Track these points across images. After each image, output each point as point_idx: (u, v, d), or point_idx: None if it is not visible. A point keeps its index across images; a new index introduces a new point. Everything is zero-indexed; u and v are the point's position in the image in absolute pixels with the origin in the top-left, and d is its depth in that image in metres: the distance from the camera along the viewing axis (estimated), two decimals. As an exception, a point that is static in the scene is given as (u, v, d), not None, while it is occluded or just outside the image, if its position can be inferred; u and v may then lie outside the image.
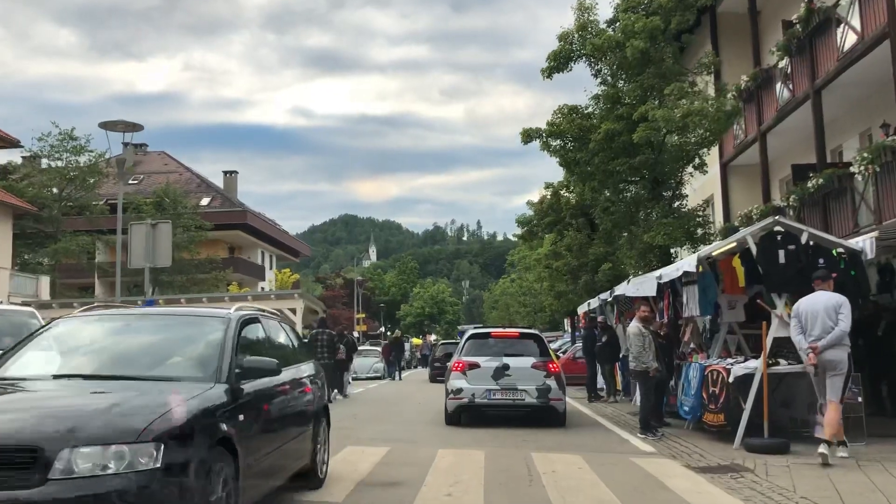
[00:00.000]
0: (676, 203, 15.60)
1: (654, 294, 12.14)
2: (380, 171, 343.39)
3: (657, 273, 11.93)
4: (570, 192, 23.02)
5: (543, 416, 12.57)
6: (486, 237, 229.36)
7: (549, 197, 23.81)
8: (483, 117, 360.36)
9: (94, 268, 51.81)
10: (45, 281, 36.91)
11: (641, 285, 12.77)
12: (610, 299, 16.99)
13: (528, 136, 15.75)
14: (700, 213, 15.86)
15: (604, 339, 17.91)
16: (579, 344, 28.30)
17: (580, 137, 15.69)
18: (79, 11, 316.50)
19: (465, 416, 12.84)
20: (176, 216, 45.12)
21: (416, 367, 47.20)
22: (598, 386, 20.89)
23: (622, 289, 15.05)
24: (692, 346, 14.02)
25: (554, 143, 16.04)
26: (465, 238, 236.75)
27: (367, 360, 31.81)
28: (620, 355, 17.76)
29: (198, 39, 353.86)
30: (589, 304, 20.26)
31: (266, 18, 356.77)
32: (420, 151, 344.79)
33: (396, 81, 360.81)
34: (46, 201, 43.76)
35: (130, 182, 57.34)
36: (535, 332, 14.35)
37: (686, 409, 11.12)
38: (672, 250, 15.74)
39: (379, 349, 33.55)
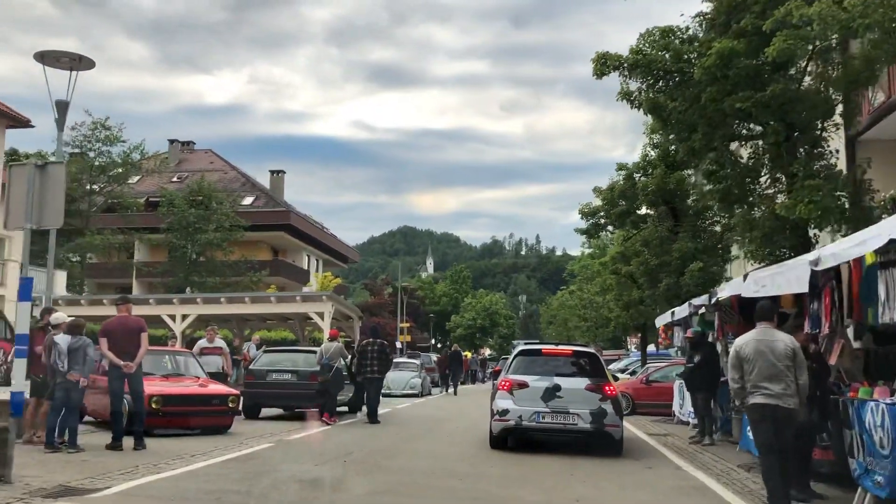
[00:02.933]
0: (817, 165, 10.86)
1: (805, 290, 7.61)
2: (438, 185, 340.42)
3: (811, 256, 7.44)
4: (649, 175, 18.50)
5: (598, 444, 11.09)
6: (544, 251, 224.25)
7: (621, 182, 19.28)
8: (542, 132, 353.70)
9: (131, 267, 49.28)
10: (60, 276, 34.02)
11: (777, 278, 8.27)
12: (710, 304, 12.52)
13: (602, 65, 11.27)
14: (863, 176, 11.04)
15: (695, 360, 13.43)
16: (654, 365, 23.68)
17: (676, 71, 11.16)
18: (150, 26, 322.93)
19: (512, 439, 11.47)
20: (209, 213, 42.25)
21: (462, 382, 43.13)
22: (678, 417, 16.46)
23: (734, 288, 10.59)
24: (840, 371, 9.61)
25: (638, 86, 11.51)
26: (523, 252, 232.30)
27: (403, 375, 27.63)
28: (721, 380, 13.28)
29: (263, 53, 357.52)
30: (673, 313, 15.76)
31: (330, 33, 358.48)
32: (478, 165, 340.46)
33: (456, 96, 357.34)
34: (76, 194, 41.24)
35: (173, 180, 55.03)
36: (591, 350, 12.76)
37: (879, 478, 6.54)
38: (811, 233, 11.06)
39: (417, 362, 29.52)
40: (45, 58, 11.68)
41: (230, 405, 12.49)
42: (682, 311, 15.39)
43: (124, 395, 10.14)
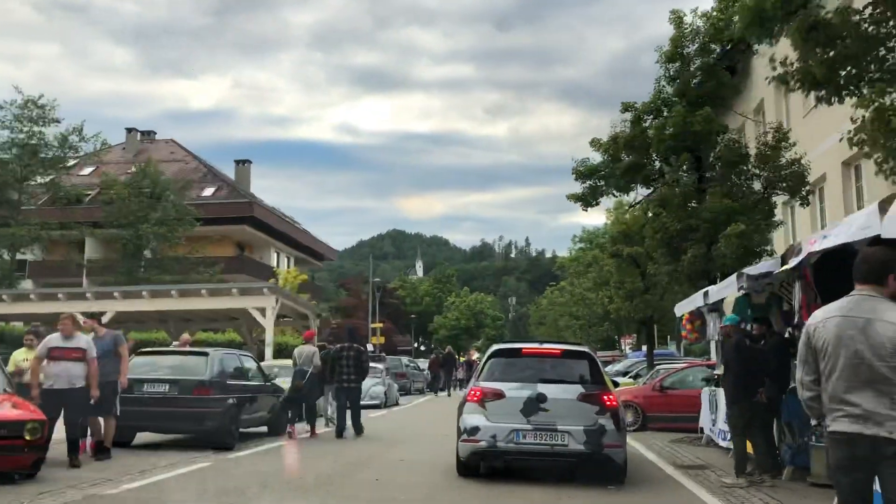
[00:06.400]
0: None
1: None
2: (426, 189, 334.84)
3: None
4: (667, 115, 13.98)
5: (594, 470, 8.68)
6: (534, 254, 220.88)
7: (627, 130, 14.63)
8: (527, 136, 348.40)
9: (79, 266, 44.27)
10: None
11: None
12: (778, 272, 8.05)
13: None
14: None
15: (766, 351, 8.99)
16: (665, 367, 19.21)
17: None
18: (134, 31, 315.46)
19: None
20: (153, 202, 37.48)
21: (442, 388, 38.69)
22: (707, 436, 12.03)
23: (844, 233, 6.10)
24: None
25: None
26: (512, 255, 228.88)
27: (364, 383, 23.05)
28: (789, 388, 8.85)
29: (247, 58, 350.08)
30: (707, 293, 11.28)
31: (313, 37, 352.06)
32: (465, 169, 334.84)
33: (440, 100, 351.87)
34: (7, 180, 36.36)
35: (129, 171, 50.26)
36: (586, 349, 10.39)
37: None
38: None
39: (381, 366, 24.99)
40: None
41: (28, 438, 7.88)
42: (717, 290, 11.01)
43: None
